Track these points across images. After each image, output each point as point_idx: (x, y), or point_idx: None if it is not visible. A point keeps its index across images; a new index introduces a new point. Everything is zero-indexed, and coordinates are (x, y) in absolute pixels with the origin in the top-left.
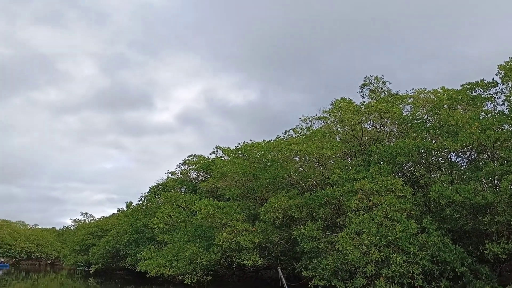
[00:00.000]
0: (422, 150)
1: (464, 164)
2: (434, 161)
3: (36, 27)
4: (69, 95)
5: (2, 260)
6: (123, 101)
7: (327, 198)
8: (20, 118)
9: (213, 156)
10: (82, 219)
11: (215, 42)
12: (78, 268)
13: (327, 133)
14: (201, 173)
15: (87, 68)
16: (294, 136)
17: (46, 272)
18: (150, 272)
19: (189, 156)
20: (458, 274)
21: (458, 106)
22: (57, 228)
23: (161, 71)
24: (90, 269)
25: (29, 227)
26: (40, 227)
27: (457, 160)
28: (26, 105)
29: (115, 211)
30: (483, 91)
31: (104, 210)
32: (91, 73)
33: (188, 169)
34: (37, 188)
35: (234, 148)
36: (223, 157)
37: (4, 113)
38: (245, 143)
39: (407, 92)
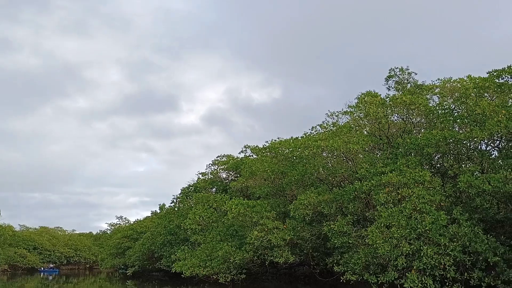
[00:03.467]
0: (451, 140)
1: (495, 152)
2: (463, 151)
3: (62, 36)
4: (97, 101)
5: (52, 265)
6: (150, 105)
7: (356, 193)
8: (52, 126)
9: (242, 155)
10: (118, 222)
11: (237, 41)
12: (120, 271)
13: (353, 128)
14: (231, 172)
15: (114, 74)
16: (321, 131)
17: (85, 276)
18: (185, 273)
19: (218, 156)
20: (491, 264)
21: (485, 94)
22: (94, 232)
23: (185, 73)
24: (127, 272)
25: (67, 233)
26: (77, 232)
27: (488, 148)
28: (57, 113)
29: (149, 214)
30: (511, 78)
31: (138, 213)
32: (118, 79)
33: (218, 169)
34: (73, 193)
35: (262, 146)
36: (252, 156)
37: (37, 122)
38: (273, 141)
39: (433, 82)
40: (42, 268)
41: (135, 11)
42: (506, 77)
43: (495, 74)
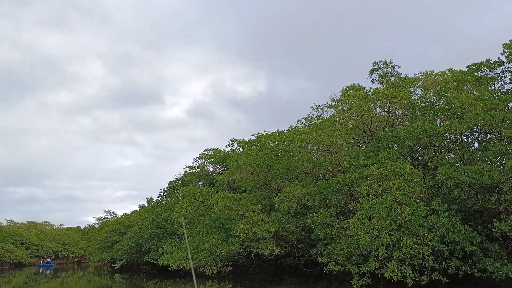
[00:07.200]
0: (432, 133)
1: (475, 144)
2: (443, 143)
3: (41, 30)
4: (80, 95)
5: (49, 260)
6: (134, 99)
7: (339, 185)
8: (35, 120)
9: (229, 148)
10: (105, 216)
11: (220, 35)
12: (112, 265)
13: (337, 121)
14: (217, 166)
15: (96, 68)
16: (306, 124)
17: (74, 270)
18: (172, 266)
19: (205, 149)
20: (468, 253)
21: (465, 87)
22: (82, 226)
23: (168, 67)
24: (114, 265)
25: (54, 227)
26: (65, 226)
27: (468, 141)
28: (40, 108)
29: (136, 207)
30: (489, 71)
31: (126, 207)
32: (100, 73)
33: (205, 162)
34: (59, 188)
35: (248, 139)
36: (238, 149)
37: (19, 116)
38: (259, 134)
39: (416, 75)
40: (41, 263)
41: (115, 5)
42: (485, 71)
43: (474, 67)
